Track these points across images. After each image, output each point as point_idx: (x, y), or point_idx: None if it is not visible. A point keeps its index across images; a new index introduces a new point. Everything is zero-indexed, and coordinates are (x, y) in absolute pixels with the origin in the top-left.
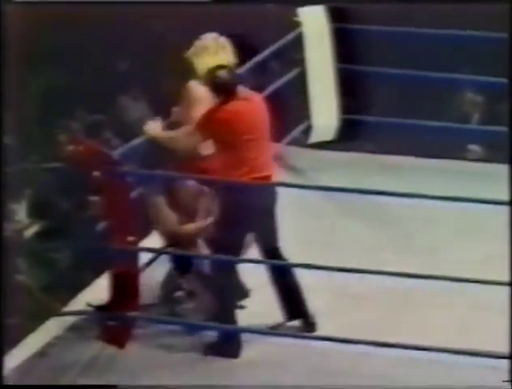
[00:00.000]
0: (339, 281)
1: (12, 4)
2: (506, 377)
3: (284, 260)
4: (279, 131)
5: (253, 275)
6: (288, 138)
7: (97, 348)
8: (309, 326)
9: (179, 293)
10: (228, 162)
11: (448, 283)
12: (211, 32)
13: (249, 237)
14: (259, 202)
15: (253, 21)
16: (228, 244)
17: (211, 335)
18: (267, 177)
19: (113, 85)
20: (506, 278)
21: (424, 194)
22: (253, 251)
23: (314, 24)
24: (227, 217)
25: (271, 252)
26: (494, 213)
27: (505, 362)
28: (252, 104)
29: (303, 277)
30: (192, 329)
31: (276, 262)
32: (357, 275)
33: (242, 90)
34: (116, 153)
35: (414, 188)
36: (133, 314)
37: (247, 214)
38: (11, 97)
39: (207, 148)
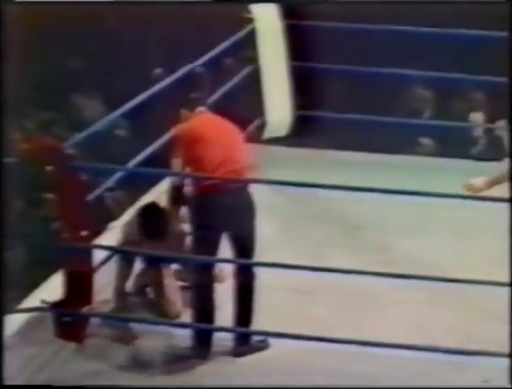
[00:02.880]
0: (292, 277)
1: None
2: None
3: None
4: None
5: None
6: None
7: (54, 344)
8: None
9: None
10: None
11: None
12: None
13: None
14: (231, 204)
15: (205, 19)
16: (202, 245)
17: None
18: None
19: (68, 83)
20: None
21: (388, 188)
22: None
23: (267, 21)
24: (201, 220)
25: (242, 255)
26: (446, 208)
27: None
28: None
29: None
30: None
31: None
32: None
33: None
34: (67, 146)
35: (366, 183)
36: (89, 310)
37: (220, 216)
38: None
39: None
